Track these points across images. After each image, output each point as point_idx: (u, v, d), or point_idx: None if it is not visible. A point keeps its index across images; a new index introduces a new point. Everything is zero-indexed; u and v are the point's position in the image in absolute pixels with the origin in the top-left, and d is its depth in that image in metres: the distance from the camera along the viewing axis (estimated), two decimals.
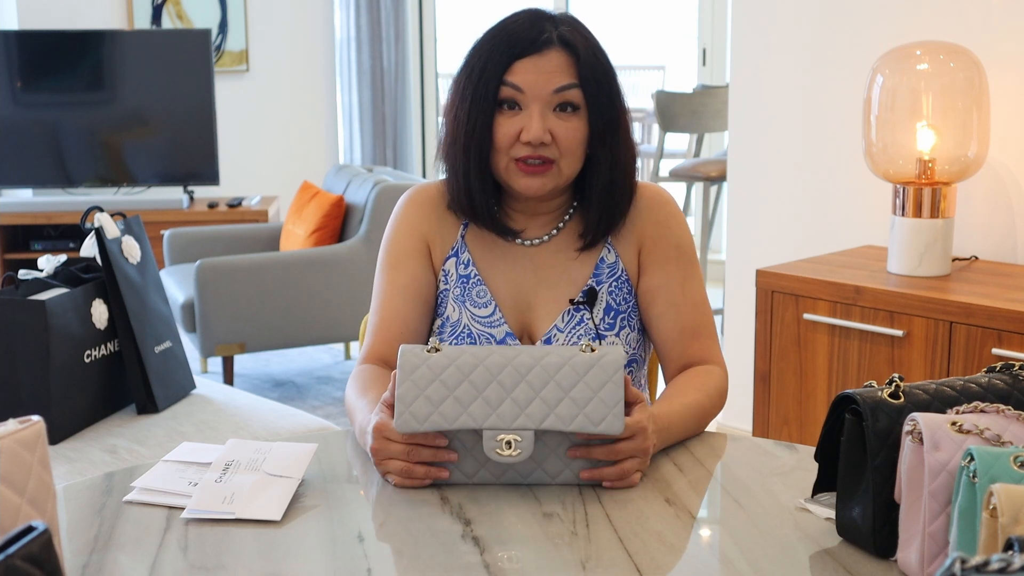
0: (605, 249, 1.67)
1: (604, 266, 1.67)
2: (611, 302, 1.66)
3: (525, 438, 1.34)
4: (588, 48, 1.60)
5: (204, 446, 1.49)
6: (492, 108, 1.58)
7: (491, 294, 1.66)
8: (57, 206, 5.26)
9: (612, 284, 1.66)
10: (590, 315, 1.64)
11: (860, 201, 3.16)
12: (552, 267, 1.67)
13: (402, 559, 1.23)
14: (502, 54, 1.57)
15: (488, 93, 1.57)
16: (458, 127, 1.61)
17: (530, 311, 1.66)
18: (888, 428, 1.17)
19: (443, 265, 1.69)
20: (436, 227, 1.70)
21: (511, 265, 1.68)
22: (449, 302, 1.67)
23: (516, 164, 1.59)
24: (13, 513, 1.02)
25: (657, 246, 1.67)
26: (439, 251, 1.69)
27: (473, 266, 1.67)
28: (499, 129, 1.58)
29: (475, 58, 1.60)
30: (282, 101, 6.01)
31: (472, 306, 1.66)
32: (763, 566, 1.18)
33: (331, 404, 4.30)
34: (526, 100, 1.57)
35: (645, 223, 1.68)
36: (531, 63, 1.57)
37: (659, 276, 1.67)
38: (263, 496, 1.35)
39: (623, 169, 1.63)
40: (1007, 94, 2.84)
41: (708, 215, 4.98)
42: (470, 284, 1.67)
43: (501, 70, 1.57)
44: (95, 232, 2.30)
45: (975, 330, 2.45)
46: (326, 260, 4.25)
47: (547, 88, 1.57)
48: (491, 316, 1.65)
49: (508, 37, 1.59)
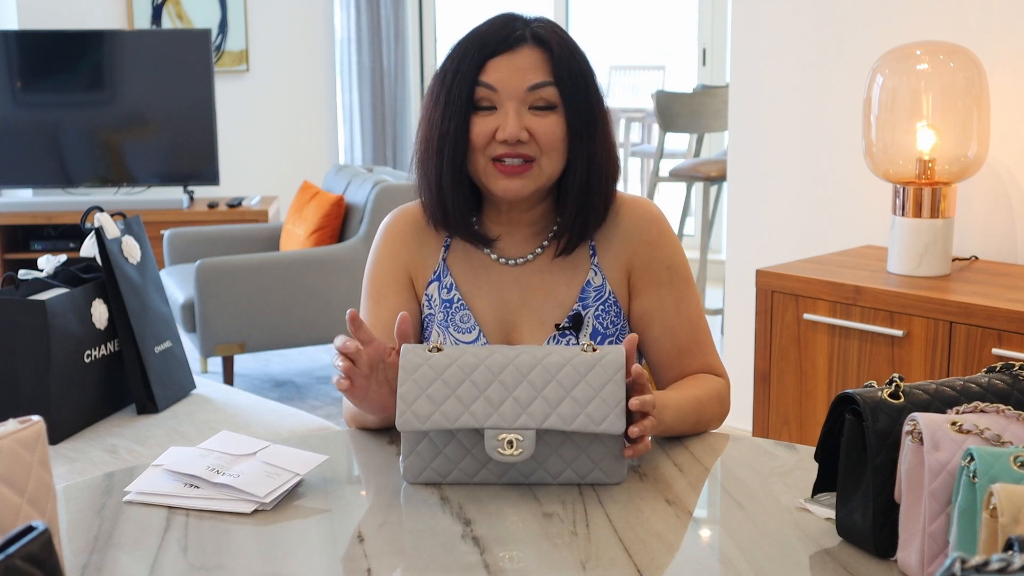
0: (592, 271, 1.63)
1: (590, 289, 1.62)
2: (598, 326, 1.61)
3: (527, 437, 1.34)
4: (562, 46, 1.57)
5: (189, 449, 1.46)
6: (467, 109, 1.55)
7: (475, 319, 1.62)
8: (57, 206, 5.27)
9: (599, 308, 1.62)
10: (576, 340, 1.60)
11: (860, 201, 3.15)
12: (537, 289, 1.63)
13: (402, 559, 1.23)
14: (475, 55, 1.55)
15: (462, 94, 1.54)
16: (432, 131, 1.58)
17: (515, 333, 1.62)
18: (888, 428, 1.17)
19: (426, 290, 1.65)
20: (417, 252, 1.66)
21: (495, 287, 1.63)
22: (433, 327, 1.64)
23: (494, 165, 1.56)
24: (13, 513, 1.02)
25: (649, 268, 1.63)
26: (421, 277, 1.66)
27: (456, 290, 1.63)
28: (474, 129, 1.55)
29: (448, 63, 1.58)
30: (282, 101, 6.01)
31: (456, 331, 1.62)
32: (763, 566, 1.18)
33: (331, 404, 4.30)
34: (500, 99, 1.54)
35: (635, 244, 1.63)
36: (504, 61, 1.54)
37: (652, 299, 1.63)
38: (255, 478, 1.36)
39: (599, 169, 1.59)
40: (1007, 94, 2.84)
41: (708, 215, 4.98)
42: (453, 309, 1.63)
43: (474, 71, 1.54)
44: (95, 232, 2.30)
45: (975, 330, 2.45)
46: (326, 260, 4.25)
47: (521, 85, 1.54)
48: (475, 341, 1.61)
49: (480, 38, 1.56)
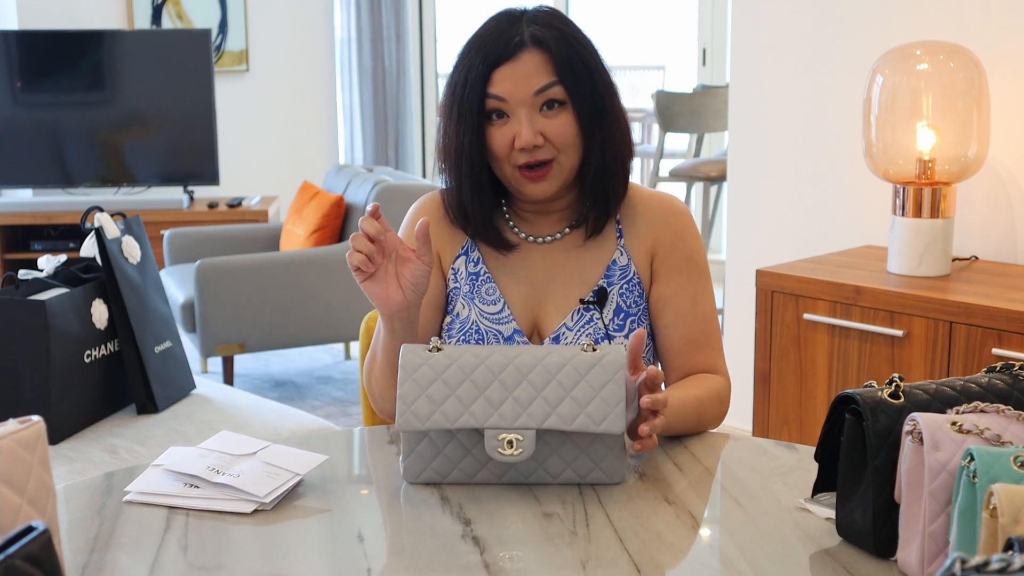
0: (617, 251, 1.68)
1: (616, 268, 1.67)
2: (621, 303, 1.66)
3: (527, 437, 1.34)
4: (561, 41, 1.59)
5: (189, 450, 1.46)
6: (480, 122, 1.59)
7: (500, 291, 1.67)
8: (57, 206, 5.26)
9: (623, 286, 1.66)
10: (600, 315, 1.64)
11: (860, 201, 3.15)
12: (563, 265, 1.68)
13: (402, 559, 1.23)
14: (479, 67, 1.58)
15: (473, 108, 1.59)
16: (449, 143, 1.63)
17: (540, 308, 1.67)
18: (888, 428, 1.17)
19: (452, 264, 1.70)
20: (447, 230, 1.71)
21: (522, 262, 1.68)
22: (459, 300, 1.68)
23: (520, 171, 1.60)
24: (13, 513, 1.02)
25: (671, 255, 1.68)
26: (448, 254, 1.71)
27: (483, 264, 1.68)
28: (493, 141, 1.60)
29: (456, 75, 1.62)
30: (282, 101, 6.01)
31: (481, 303, 1.67)
32: (763, 566, 1.18)
33: (331, 404, 4.29)
34: (511, 107, 1.58)
35: (660, 231, 1.68)
36: (508, 70, 1.58)
37: (671, 286, 1.67)
38: (255, 478, 1.36)
39: (614, 151, 1.63)
40: (1007, 94, 2.84)
41: (708, 215, 4.98)
42: (479, 281, 1.68)
43: (481, 84, 1.58)
44: (95, 232, 2.30)
45: (975, 330, 2.45)
46: (326, 260, 4.25)
47: (528, 92, 1.58)
48: (500, 313, 1.66)
49: (482, 48, 1.59)
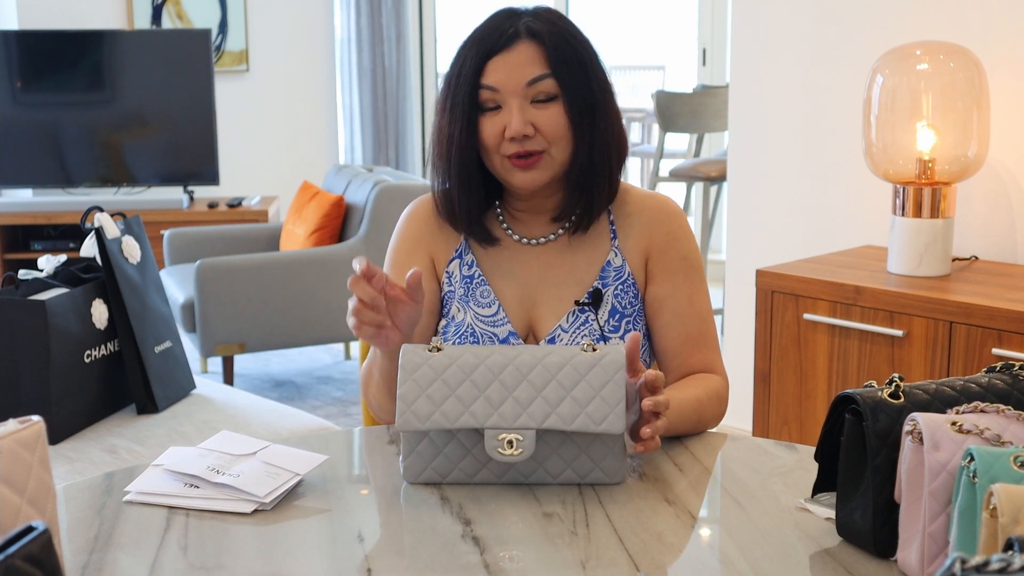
0: (612, 252, 1.68)
1: (610, 269, 1.67)
2: (616, 305, 1.66)
3: (527, 437, 1.34)
4: (556, 35, 1.60)
5: (189, 450, 1.46)
6: (473, 113, 1.60)
7: (495, 293, 1.67)
8: (57, 206, 5.26)
9: (618, 287, 1.67)
10: (595, 316, 1.64)
11: (860, 201, 3.15)
12: (557, 267, 1.68)
13: (402, 559, 1.23)
14: (474, 58, 1.60)
15: (466, 98, 1.60)
16: (440, 135, 1.64)
17: (535, 310, 1.67)
18: (888, 428, 1.17)
19: (447, 268, 1.70)
20: (439, 235, 1.71)
21: (517, 264, 1.69)
22: (454, 303, 1.68)
23: (510, 161, 1.61)
24: (13, 513, 1.02)
25: (665, 256, 1.68)
26: (442, 257, 1.71)
27: (477, 267, 1.68)
28: (484, 131, 1.60)
29: (453, 68, 1.63)
30: (282, 101, 6.01)
31: (476, 306, 1.67)
32: (763, 566, 1.18)
33: (331, 404, 4.30)
34: (503, 98, 1.59)
35: (655, 232, 1.69)
36: (501, 60, 1.59)
37: (666, 286, 1.68)
38: (255, 478, 1.36)
39: (604, 150, 1.63)
40: (1007, 94, 2.84)
41: (708, 215, 4.98)
42: (474, 284, 1.68)
43: (475, 74, 1.59)
44: (95, 232, 2.30)
45: (975, 330, 2.45)
46: (326, 260, 4.25)
47: (520, 82, 1.58)
48: (495, 315, 1.66)
49: (478, 40, 1.61)
